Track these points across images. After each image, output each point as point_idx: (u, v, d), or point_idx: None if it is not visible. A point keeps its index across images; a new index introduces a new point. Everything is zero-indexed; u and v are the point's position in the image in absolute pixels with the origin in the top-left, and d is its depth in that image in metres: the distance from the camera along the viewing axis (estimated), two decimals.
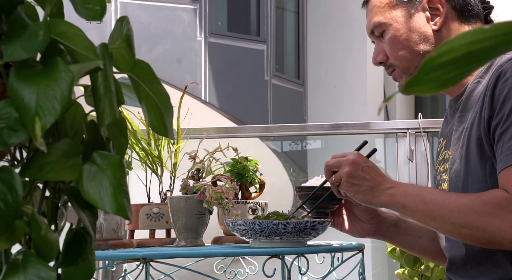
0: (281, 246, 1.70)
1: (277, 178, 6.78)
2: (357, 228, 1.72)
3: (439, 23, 1.60)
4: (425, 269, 2.22)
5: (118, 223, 1.94)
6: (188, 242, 1.94)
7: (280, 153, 7.68)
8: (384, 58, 1.66)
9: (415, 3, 1.62)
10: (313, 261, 1.92)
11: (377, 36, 1.67)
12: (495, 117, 1.44)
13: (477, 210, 1.40)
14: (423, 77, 0.44)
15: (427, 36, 1.61)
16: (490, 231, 1.40)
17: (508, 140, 1.41)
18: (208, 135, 2.40)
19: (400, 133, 2.63)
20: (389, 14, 1.63)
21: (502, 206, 1.38)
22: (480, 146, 1.48)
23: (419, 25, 1.61)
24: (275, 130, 3.04)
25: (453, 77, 0.45)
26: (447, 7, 1.61)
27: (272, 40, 8.48)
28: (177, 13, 7.69)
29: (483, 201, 1.40)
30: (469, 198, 1.43)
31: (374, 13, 1.66)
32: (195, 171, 2.03)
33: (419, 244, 1.75)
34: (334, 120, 7.47)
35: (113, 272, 2.62)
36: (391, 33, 1.62)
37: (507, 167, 1.39)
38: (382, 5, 1.64)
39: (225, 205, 1.92)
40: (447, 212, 1.44)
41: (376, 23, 1.65)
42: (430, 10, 1.61)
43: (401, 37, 1.61)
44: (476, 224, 1.40)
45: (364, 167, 1.53)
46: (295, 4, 9.27)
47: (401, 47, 1.62)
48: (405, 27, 1.61)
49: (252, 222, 1.68)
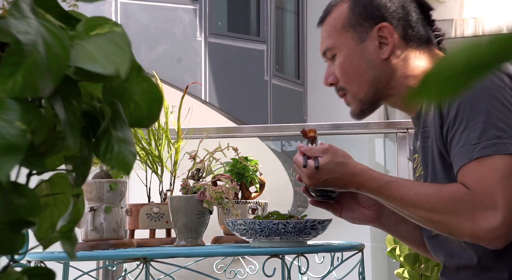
0: (281, 245, 1.70)
1: (277, 178, 6.78)
2: (358, 214, 1.72)
3: (387, 52, 1.62)
4: (425, 269, 2.23)
5: (118, 223, 1.94)
6: (188, 241, 1.94)
7: (280, 153, 7.68)
8: (334, 80, 1.68)
9: (367, 30, 1.63)
10: (313, 261, 1.92)
11: (329, 58, 1.69)
12: (445, 125, 1.49)
13: (436, 207, 1.45)
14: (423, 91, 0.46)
15: (376, 64, 1.63)
16: (450, 226, 1.45)
17: (457, 143, 1.45)
18: (208, 135, 2.40)
19: (400, 133, 2.63)
20: (341, 39, 1.65)
21: (460, 201, 1.42)
22: (442, 157, 1.52)
23: (369, 52, 1.63)
24: (275, 130, 3.05)
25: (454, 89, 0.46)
26: (396, 36, 1.63)
27: (272, 40, 8.49)
28: (177, 13, 7.69)
29: (442, 196, 1.45)
30: (429, 191, 1.47)
31: (327, 35, 1.68)
32: (195, 171, 2.04)
33: (414, 234, 1.77)
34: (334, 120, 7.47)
35: (113, 272, 2.62)
36: (342, 58, 1.65)
37: (462, 166, 1.43)
38: (334, 28, 1.67)
39: (225, 205, 1.92)
40: (410, 208, 1.49)
41: (328, 46, 1.67)
42: (379, 38, 1.63)
43: (351, 63, 1.64)
44: (437, 219, 1.46)
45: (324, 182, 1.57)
46: (295, 4, 9.27)
47: (350, 72, 1.64)
48: (355, 53, 1.64)
49: (252, 222, 1.68)
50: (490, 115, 1.43)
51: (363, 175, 1.54)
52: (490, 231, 1.40)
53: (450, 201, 1.43)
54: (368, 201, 1.71)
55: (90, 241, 1.90)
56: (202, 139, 2.13)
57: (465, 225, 1.42)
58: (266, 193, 2.17)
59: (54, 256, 1.75)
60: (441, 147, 1.51)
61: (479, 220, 1.40)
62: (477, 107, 1.44)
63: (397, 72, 1.63)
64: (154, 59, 7.42)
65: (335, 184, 1.56)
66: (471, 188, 1.42)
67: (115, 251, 1.83)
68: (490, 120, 1.43)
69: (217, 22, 8.14)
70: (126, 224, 2.08)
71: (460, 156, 1.44)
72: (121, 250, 1.87)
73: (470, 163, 1.42)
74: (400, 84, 1.63)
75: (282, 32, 9.12)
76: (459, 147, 1.45)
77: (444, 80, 0.45)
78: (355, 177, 1.54)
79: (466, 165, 1.43)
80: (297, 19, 9.22)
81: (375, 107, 1.69)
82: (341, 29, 1.66)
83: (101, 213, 1.91)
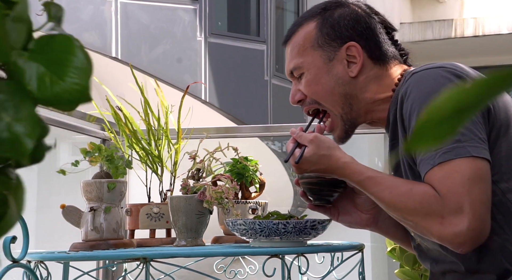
0: (281, 245, 1.70)
1: (277, 178, 6.78)
2: (355, 218, 1.73)
3: (356, 70, 1.64)
4: (424, 269, 2.23)
5: (119, 223, 1.94)
6: (188, 241, 1.94)
7: (280, 153, 7.68)
8: (302, 97, 1.69)
9: (335, 50, 1.65)
10: (313, 261, 1.92)
11: (296, 78, 1.70)
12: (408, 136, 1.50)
13: (408, 206, 1.46)
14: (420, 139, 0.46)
15: (344, 81, 1.65)
16: (420, 226, 1.47)
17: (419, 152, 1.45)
18: (208, 135, 2.40)
19: None
20: (309, 58, 1.67)
21: (430, 203, 1.43)
22: (410, 168, 1.54)
23: (337, 71, 1.65)
24: (275, 130, 3.04)
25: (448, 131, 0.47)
26: (364, 56, 1.65)
27: (272, 40, 8.48)
28: (177, 13, 7.69)
29: (413, 196, 1.46)
30: (402, 190, 1.48)
31: (293, 54, 1.69)
32: (195, 171, 2.04)
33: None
34: None
35: (113, 272, 2.62)
36: (310, 76, 1.66)
37: (427, 171, 1.45)
38: (302, 48, 1.68)
39: (225, 205, 1.92)
40: (385, 206, 1.52)
41: (296, 65, 1.68)
42: (348, 57, 1.65)
43: (320, 81, 1.65)
44: (409, 218, 1.48)
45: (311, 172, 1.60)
46: (295, 4, 9.27)
47: (319, 90, 1.66)
48: (323, 72, 1.65)
49: (252, 222, 1.68)
50: None
51: (345, 169, 1.55)
52: (457, 235, 1.41)
53: (420, 203, 1.45)
54: (366, 205, 1.71)
55: (90, 241, 1.90)
56: (202, 139, 2.13)
57: (434, 228, 1.43)
58: (266, 193, 2.17)
59: (54, 256, 1.75)
60: (408, 158, 1.54)
61: (446, 224, 1.42)
62: None
63: (367, 89, 1.65)
64: (154, 59, 7.42)
65: (322, 174, 1.60)
66: (438, 191, 1.43)
67: (115, 251, 1.83)
68: None
69: (217, 22, 8.14)
70: (126, 224, 2.08)
71: (424, 163, 1.46)
72: (121, 250, 1.87)
73: (434, 169, 1.44)
74: (370, 99, 1.66)
75: (282, 32, 9.11)
76: (422, 155, 1.46)
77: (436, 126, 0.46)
78: (338, 170, 1.56)
79: (430, 171, 1.44)
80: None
81: (355, 127, 1.70)
82: (309, 48, 1.67)
83: (101, 213, 1.91)
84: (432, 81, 1.49)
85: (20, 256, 1.56)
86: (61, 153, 4.17)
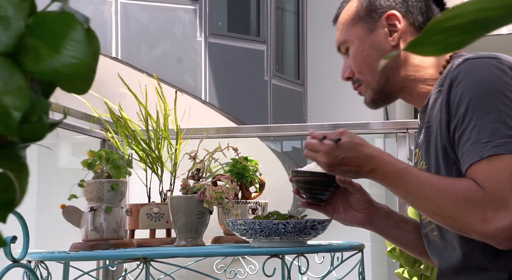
0: (281, 245, 1.70)
1: (277, 178, 6.77)
2: (350, 217, 1.72)
3: (397, 39, 1.65)
4: (424, 269, 2.23)
5: (119, 223, 1.94)
6: (188, 241, 1.94)
7: (280, 153, 7.68)
8: (351, 74, 1.71)
9: (375, 20, 1.67)
10: (313, 261, 1.92)
11: (344, 53, 1.73)
12: (453, 122, 1.48)
13: (449, 200, 1.43)
14: (428, 38, 0.44)
15: (386, 52, 1.65)
16: (460, 222, 1.43)
17: (466, 141, 1.44)
18: (208, 135, 2.40)
19: (400, 133, 2.63)
20: (351, 31, 1.70)
21: (473, 198, 1.40)
22: (445, 153, 1.51)
23: (379, 41, 1.66)
24: (275, 130, 3.05)
25: (457, 42, 0.44)
26: (404, 24, 1.65)
27: (272, 40, 8.48)
28: (177, 13, 7.69)
29: (456, 190, 1.43)
30: (443, 185, 1.45)
31: (339, 30, 1.73)
32: (195, 171, 2.04)
33: (407, 238, 1.77)
34: (334, 120, 7.47)
35: (113, 272, 2.62)
36: (354, 50, 1.69)
37: (471, 164, 1.42)
38: (346, 22, 1.71)
39: (225, 205, 1.92)
40: (422, 199, 1.47)
41: (340, 40, 1.72)
42: (388, 26, 1.66)
43: (362, 54, 1.67)
44: (448, 213, 1.44)
45: (340, 161, 1.54)
46: (295, 4, 9.27)
47: (362, 63, 1.67)
48: (365, 44, 1.67)
49: (252, 222, 1.68)
50: (501, 114, 1.42)
51: (381, 157, 1.53)
52: (500, 231, 1.38)
53: (463, 197, 1.41)
54: (360, 204, 1.71)
55: (90, 241, 1.90)
56: (202, 139, 2.13)
57: (476, 224, 1.40)
58: (266, 193, 2.18)
59: (54, 256, 1.75)
60: (446, 143, 1.50)
61: (490, 219, 1.39)
62: (487, 105, 1.43)
63: (407, 61, 1.64)
64: (154, 59, 7.42)
65: (351, 164, 1.54)
66: (483, 186, 1.40)
67: (115, 251, 1.83)
68: (501, 119, 1.42)
69: (217, 22, 8.14)
70: (126, 224, 2.08)
71: (470, 154, 1.43)
72: (121, 250, 1.87)
73: (481, 161, 1.41)
74: (410, 74, 1.65)
75: (282, 32, 9.12)
76: (469, 145, 1.43)
77: (450, 29, 0.44)
78: (373, 158, 1.53)
79: (477, 163, 1.41)
80: (297, 19, 9.22)
81: (388, 98, 1.69)
82: (351, 22, 1.70)
83: (101, 213, 1.91)
84: (485, 71, 1.47)
85: (20, 256, 1.56)
86: (61, 153, 4.18)
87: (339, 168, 1.55)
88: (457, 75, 1.49)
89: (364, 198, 1.70)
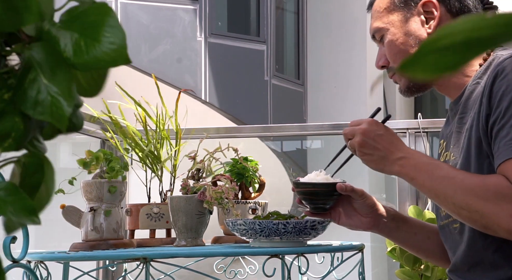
0: (281, 246, 1.70)
1: (277, 178, 6.77)
2: (355, 221, 1.72)
3: (433, 26, 1.64)
4: (425, 269, 2.23)
5: (119, 223, 1.94)
6: (188, 242, 1.94)
7: (280, 153, 7.68)
8: (386, 62, 1.70)
9: (411, 7, 1.65)
10: (313, 261, 1.92)
11: (379, 41, 1.71)
12: (493, 115, 1.45)
13: (479, 194, 1.41)
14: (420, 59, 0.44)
15: (422, 39, 1.64)
16: (487, 217, 1.41)
17: (505, 135, 1.42)
18: (208, 135, 2.40)
19: (400, 133, 2.63)
20: (386, 19, 1.67)
21: (503, 194, 1.39)
22: (479, 145, 1.49)
23: (415, 29, 1.64)
24: (275, 130, 3.04)
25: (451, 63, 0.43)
26: (441, 10, 1.64)
27: (272, 40, 8.48)
28: (177, 13, 7.69)
29: (486, 186, 1.41)
30: (473, 180, 1.44)
31: (374, 18, 1.71)
32: (195, 171, 2.04)
33: (413, 241, 1.76)
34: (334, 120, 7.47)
35: (113, 272, 2.62)
36: (389, 38, 1.67)
37: (506, 160, 1.40)
38: (380, 10, 1.69)
39: (225, 205, 1.92)
40: (450, 192, 1.45)
41: (375, 28, 1.70)
42: (425, 13, 1.64)
43: (398, 41, 1.65)
44: (476, 208, 1.42)
45: (376, 136, 1.55)
46: (295, 4, 9.27)
47: (398, 50, 1.66)
48: (401, 31, 1.65)
49: (252, 222, 1.68)
50: None
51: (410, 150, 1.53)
52: None
53: (493, 192, 1.40)
54: (364, 209, 1.71)
55: (90, 241, 1.90)
56: (202, 139, 2.13)
57: (503, 219, 1.38)
58: (266, 193, 2.17)
59: (54, 256, 1.75)
60: (482, 136, 1.48)
61: None
62: None
63: None
64: (154, 59, 7.42)
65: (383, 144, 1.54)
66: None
67: (115, 251, 1.83)
68: None
69: (217, 22, 8.14)
70: (126, 224, 2.08)
71: (505, 150, 1.41)
72: (121, 250, 1.87)
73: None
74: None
75: (282, 32, 9.12)
76: (506, 141, 1.41)
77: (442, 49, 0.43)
78: (405, 149, 1.53)
79: (510, 160, 1.40)
80: (297, 19, 9.22)
81: (423, 87, 1.68)
82: (386, 10, 1.68)
83: (101, 213, 1.91)
84: None
85: (20, 256, 1.55)
86: (61, 153, 4.18)
87: (371, 144, 1.54)
88: (503, 69, 1.47)
89: (368, 203, 1.70)
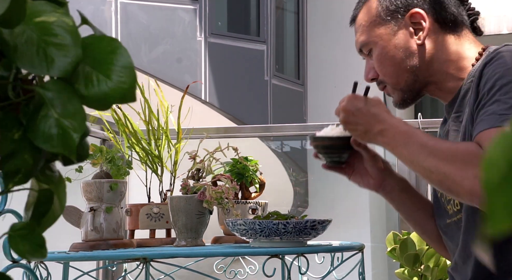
0: (281, 246, 1.70)
1: (277, 178, 6.78)
2: (364, 180, 1.71)
3: (422, 37, 1.63)
4: (425, 269, 2.23)
5: (118, 223, 1.94)
6: (188, 242, 1.94)
7: (280, 153, 7.68)
8: (375, 75, 1.69)
9: (398, 20, 1.64)
10: (313, 261, 1.92)
11: (366, 54, 1.70)
12: (478, 100, 1.47)
13: (447, 158, 1.42)
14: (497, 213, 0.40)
15: (412, 51, 1.63)
16: (451, 179, 1.41)
17: (484, 112, 1.43)
18: (208, 135, 2.40)
19: None
20: (373, 33, 1.66)
21: (471, 157, 1.40)
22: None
23: (404, 41, 1.64)
24: (275, 130, 3.04)
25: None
26: (429, 21, 1.63)
27: (272, 40, 8.48)
28: (177, 13, 7.69)
29: (456, 150, 1.43)
30: (445, 145, 1.46)
31: (360, 32, 1.69)
32: (195, 171, 2.03)
33: (415, 217, 1.75)
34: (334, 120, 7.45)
35: (113, 272, 2.62)
36: (378, 52, 1.66)
37: (482, 130, 1.42)
38: (367, 24, 1.67)
39: (225, 205, 1.92)
40: (422, 157, 1.46)
41: (362, 42, 1.68)
42: (413, 25, 1.63)
43: (387, 55, 1.65)
44: (443, 169, 1.43)
45: (355, 111, 1.55)
46: (295, 4, 9.27)
47: (388, 64, 1.65)
48: (390, 45, 1.64)
49: (252, 222, 1.68)
50: None
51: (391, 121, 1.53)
52: None
53: (462, 156, 1.41)
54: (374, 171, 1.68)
55: (90, 241, 1.90)
56: (202, 139, 2.13)
57: (467, 181, 1.39)
58: (266, 193, 2.17)
59: (54, 256, 1.75)
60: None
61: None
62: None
63: (434, 57, 1.63)
64: (154, 59, 7.42)
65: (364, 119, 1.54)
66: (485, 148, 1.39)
67: (115, 251, 1.83)
68: None
69: (217, 22, 8.14)
70: (126, 224, 2.08)
71: (483, 122, 1.42)
72: (121, 250, 1.87)
73: (491, 129, 1.40)
74: (438, 70, 1.63)
75: (282, 32, 9.12)
76: (485, 115, 1.43)
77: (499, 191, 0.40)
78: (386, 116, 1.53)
79: (486, 130, 1.41)
80: (297, 19, 9.22)
81: (417, 96, 1.68)
82: (372, 23, 1.66)
83: (101, 213, 1.91)
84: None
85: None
86: None
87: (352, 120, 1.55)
88: (491, 58, 1.49)
89: (378, 166, 1.69)
